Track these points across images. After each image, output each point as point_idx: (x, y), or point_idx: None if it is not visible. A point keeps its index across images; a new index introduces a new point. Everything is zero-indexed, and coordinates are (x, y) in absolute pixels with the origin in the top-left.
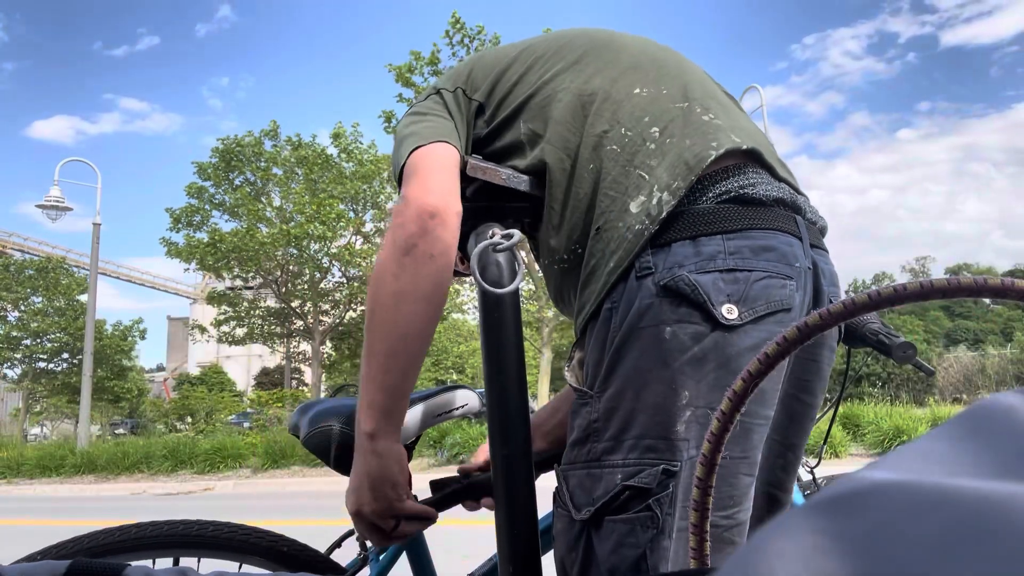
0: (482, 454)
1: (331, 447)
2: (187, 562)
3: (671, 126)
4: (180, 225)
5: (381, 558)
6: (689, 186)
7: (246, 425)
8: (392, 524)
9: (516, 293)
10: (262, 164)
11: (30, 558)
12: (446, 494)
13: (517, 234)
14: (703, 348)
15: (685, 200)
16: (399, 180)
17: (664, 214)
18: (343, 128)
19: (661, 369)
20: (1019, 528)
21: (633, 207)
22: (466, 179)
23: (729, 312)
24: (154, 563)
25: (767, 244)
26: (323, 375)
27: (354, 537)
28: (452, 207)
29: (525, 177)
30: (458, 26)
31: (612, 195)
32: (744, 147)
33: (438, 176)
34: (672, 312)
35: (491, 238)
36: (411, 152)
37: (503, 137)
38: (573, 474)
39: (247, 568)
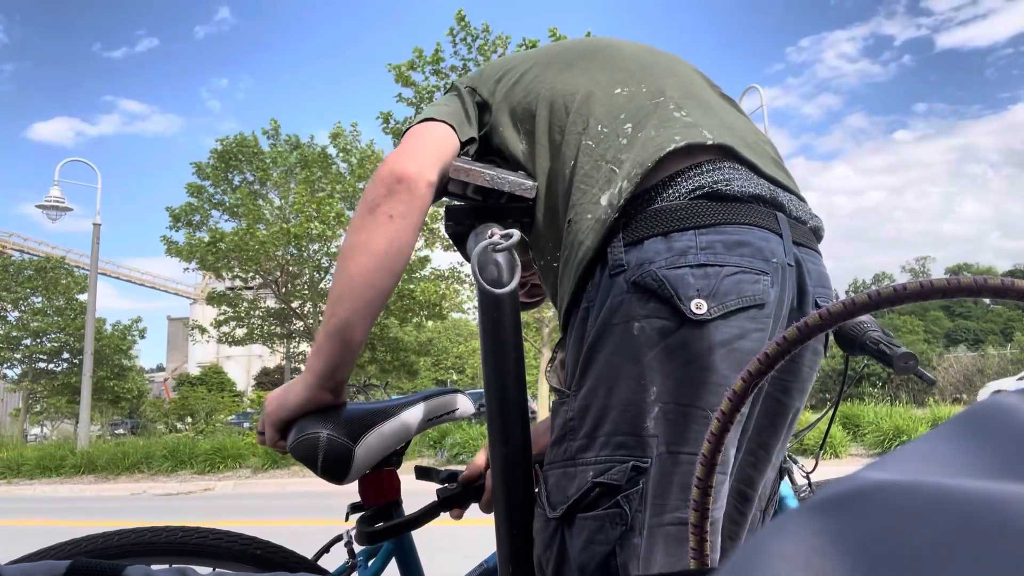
0: (481, 458)
1: (318, 455)
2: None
3: (643, 121)
4: (180, 224)
5: (370, 564)
6: (645, 172)
7: (246, 425)
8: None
9: (515, 293)
10: (263, 163)
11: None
12: (434, 505)
13: (516, 234)
14: (671, 343)
15: (656, 195)
16: None
17: (622, 201)
18: (342, 128)
19: (631, 365)
20: (1019, 528)
21: (603, 200)
22: (464, 182)
23: (698, 307)
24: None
25: (741, 239)
26: None
27: (343, 543)
28: (424, 175)
29: (511, 179)
30: (463, 23)
31: (583, 188)
32: (710, 142)
33: (420, 146)
34: (641, 308)
35: (490, 238)
36: (412, 125)
37: (501, 135)
38: (551, 473)
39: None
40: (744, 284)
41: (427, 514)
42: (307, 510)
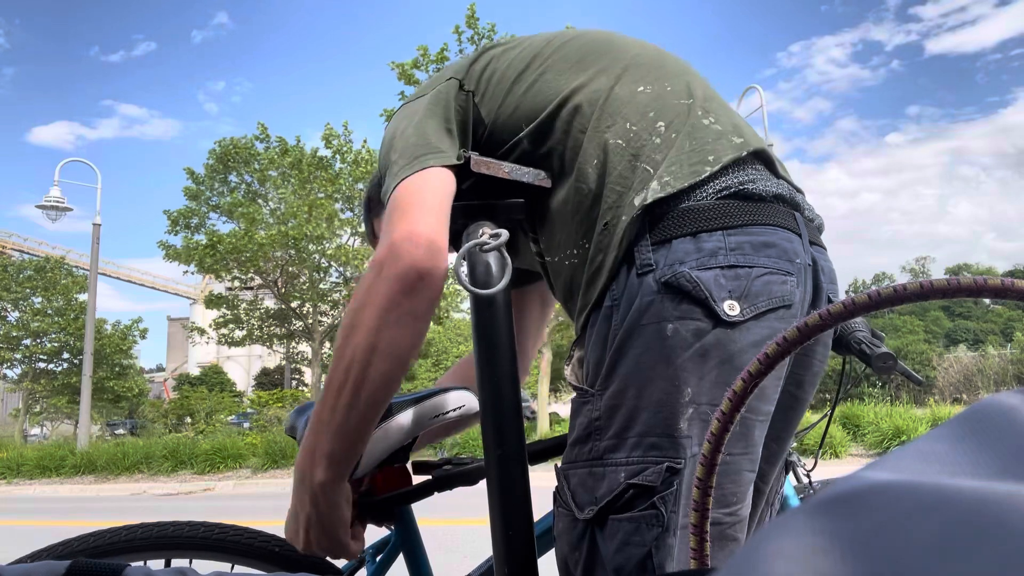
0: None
1: None
2: (179, 563)
3: (676, 122)
4: (178, 228)
5: (378, 559)
6: (681, 188)
7: (246, 425)
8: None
9: (507, 293)
10: (257, 166)
11: (20, 561)
12: (428, 482)
13: (505, 234)
14: (705, 345)
15: (684, 196)
16: (386, 189)
17: (649, 201)
18: (334, 130)
19: (663, 366)
20: (1019, 528)
21: (636, 201)
22: (462, 175)
23: (731, 308)
24: (145, 564)
25: (768, 240)
26: (323, 376)
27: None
28: (440, 263)
29: (528, 169)
30: (471, 22)
31: (618, 190)
32: (744, 153)
33: (429, 217)
34: (674, 309)
35: (480, 237)
36: (403, 179)
37: (502, 135)
38: (574, 473)
39: (240, 569)
40: (773, 285)
41: (422, 490)
42: None
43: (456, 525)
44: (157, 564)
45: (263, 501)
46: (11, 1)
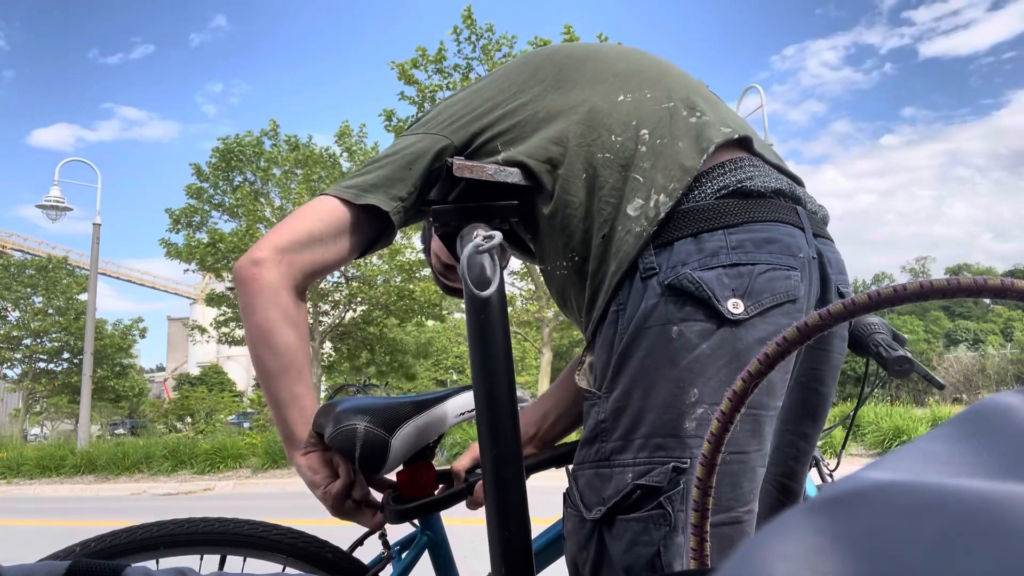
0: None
1: (356, 447)
2: (233, 560)
3: (660, 127)
4: (179, 226)
5: (403, 556)
6: (685, 187)
7: (246, 425)
8: (349, 507)
9: (502, 294)
10: (262, 164)
11: (68, 551)
12: (463, 488)
13: (498, 236)
14: (711, 345)
15: (684, 198)
16: None
17: (662, 215)
18: (349, 128)
19: (668, 368)
20: (1019, 528)
21: (630, 210)
22: (451, 182)
23: (735, 307)
24: (201, 560)
25: (769, 236)
26: (323, 375)
27: (376, 535)
28: (272, 272)
29: (513, 169)
30: (468, 22)
31: (613, 202)
32: (736, 136)
33: (289, 236)
34: (678, 311)
35: (475, 239)
36: (325, 193)
37: (476, 156)
38: (582, 474)
39: (275, 568)
40: (776, 281)
41: (456, 496)
42: (308, 510)
43: (456, 524)
44: (189, 560)
45: (263, 501)
46: (11, 3)
